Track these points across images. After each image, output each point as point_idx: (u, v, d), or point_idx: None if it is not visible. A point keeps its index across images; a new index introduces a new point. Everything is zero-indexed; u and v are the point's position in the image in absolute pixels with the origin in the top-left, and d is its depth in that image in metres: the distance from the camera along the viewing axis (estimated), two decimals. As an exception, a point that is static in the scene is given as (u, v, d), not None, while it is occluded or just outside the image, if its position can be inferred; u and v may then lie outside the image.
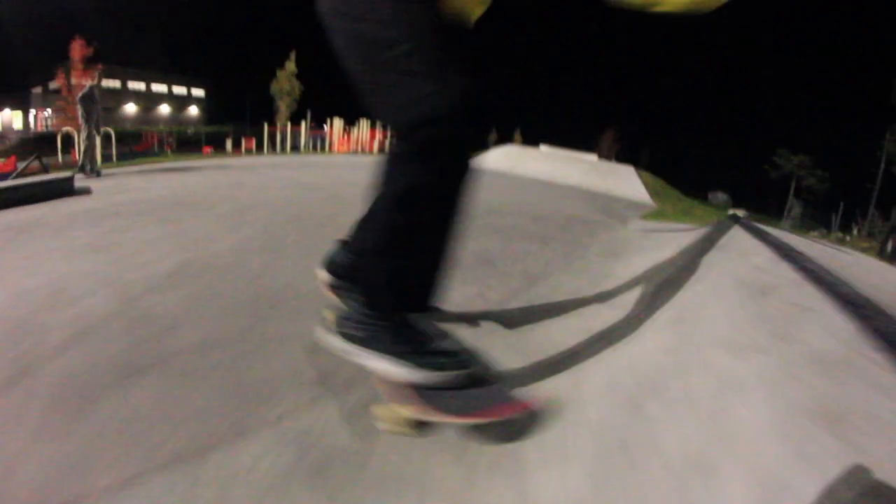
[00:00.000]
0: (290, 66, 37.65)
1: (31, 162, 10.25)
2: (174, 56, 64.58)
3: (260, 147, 25.92)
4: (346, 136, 24.93)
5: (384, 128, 22.36)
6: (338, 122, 24.95)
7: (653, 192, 13.05)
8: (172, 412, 1.63)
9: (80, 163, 9.37)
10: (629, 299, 2.59)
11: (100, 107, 9.69)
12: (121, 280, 2.79)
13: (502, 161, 15.01)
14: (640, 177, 15.09)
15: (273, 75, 37.94)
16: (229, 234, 3.94)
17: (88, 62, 32.23)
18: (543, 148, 21.02)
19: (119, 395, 1.71)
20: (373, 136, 24.18)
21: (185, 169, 10.01)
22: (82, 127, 9.37)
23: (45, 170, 10.08)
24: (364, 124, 24.69)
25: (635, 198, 11.97)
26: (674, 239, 4.53)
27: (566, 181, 12.42)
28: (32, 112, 41.31)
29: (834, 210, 33.65)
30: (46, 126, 31.05)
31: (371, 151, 22.81)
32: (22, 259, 3.24)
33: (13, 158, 10.52)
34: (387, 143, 22.28)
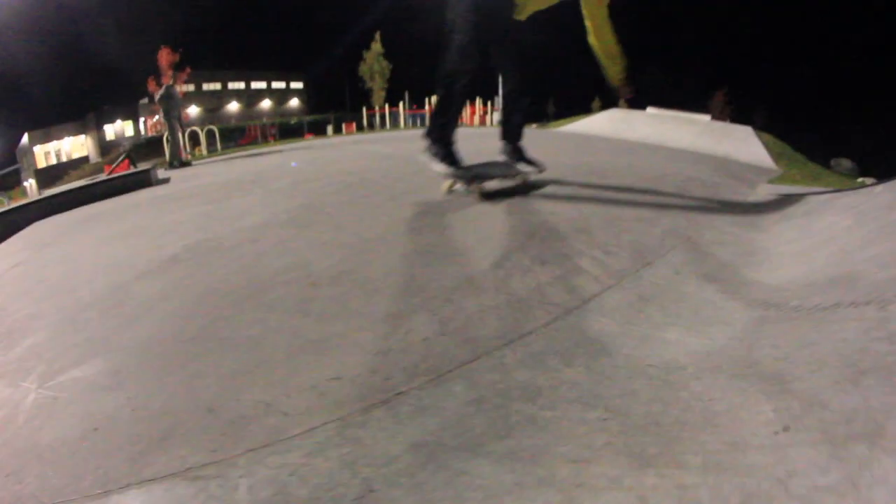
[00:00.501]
0: (377, 46, 37.82)
1: (119, 161, 11.12)
2: (269, 54, 67.39)
3: (361, 130, 26.79)
4: None
5: (483, 103, 23.64)
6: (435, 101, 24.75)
7: (776, 156, 11.74)
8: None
9: (168, 157, 9.98)
10: (794, 283, 1.87)
11: (178, 103, 10.36)
12: (114, 268, 2.86)
13: (606, 125, 14.26)
14: (760, 138, 13.75)
15: (361, 58, 38.21)
16: (265, 209, 3.77)
17: (176, 67, 34.18)
18: (651, 110, 19.95)
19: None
20: (472, 111, 24.07)
21: (272, 152, 10.32)
22: (164, 125, 10.20)
23: (135, 167, 10.73)
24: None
25: (757, 161, 10.69)
26: (818, 206, 3.46)
27: (678, 144, 11.25)
28: (142, 120, 45.17)
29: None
30: (157, 131, 33.31)
31: (472, 124, 22.77)
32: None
33: (126, 161, 11.15)
34: (486, 116, 22.86)
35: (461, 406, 1.34)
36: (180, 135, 10.54)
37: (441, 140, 3.42)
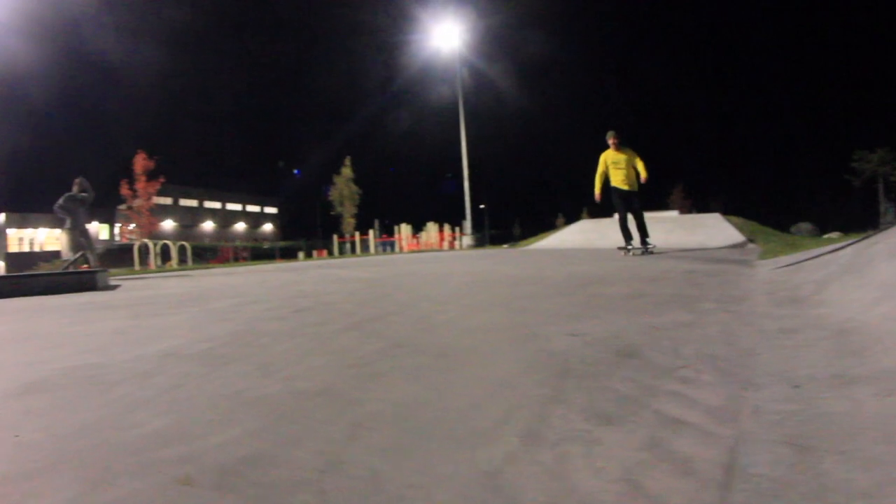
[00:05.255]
0: (346, 171, 38.23)
1: (77, 260, 10.61)
2: (245, 178, 69.46)
3: (332, 256, 26.99)
4: (415, 240, 26.51)
5: (452, 229, 25.83)
6: (406, 228, 26.56)
7: (749, 234, 11.87)
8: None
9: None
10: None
11: (82, 211, 10.73)
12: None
13: (577, 237, 14.39)
14: (730, 221, 13.90)
15: (332, 183, 38.48)
16: (187, 333, 3.10)
17: (150, 175, 33.94)
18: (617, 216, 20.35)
19: None
20: (441, 237, 25.79)
21: (232, 273, 9.78)
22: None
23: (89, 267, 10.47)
24: (432, 227, 26.21)
25: (734, 242, 11.38)
26: (829, 265, 3.51)
27: (654, 242, 11.34)
28: (118, 226, 44.37)
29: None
30: (129, 239, 32.77)
31: (441, 248, 24.14)
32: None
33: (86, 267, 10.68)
34: (455, 241, 23.45)
35: None
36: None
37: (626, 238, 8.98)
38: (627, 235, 9.01)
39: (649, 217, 9.38)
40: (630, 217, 9.01)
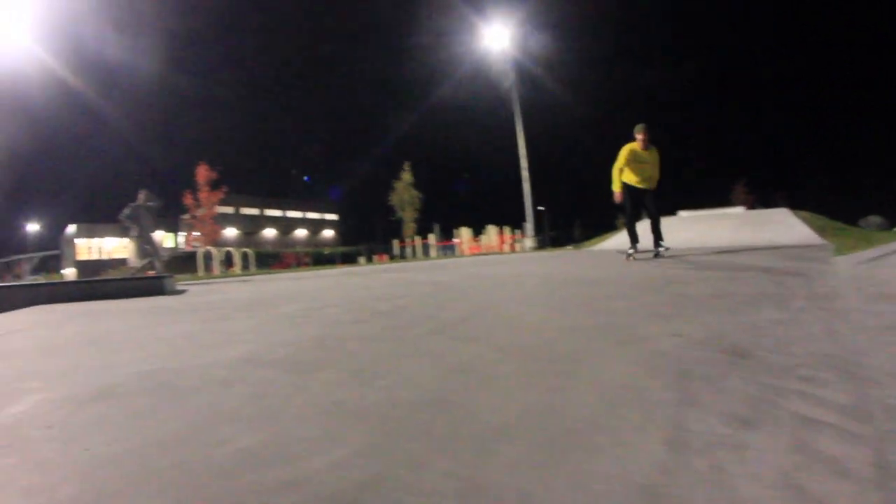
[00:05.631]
0: (406, 176, 38.29)
1: (144, 266, 11.04)
2: (306, 187, 71.15)
3: (392, 260, 27.27)
4: (475, 243, 26.29)
5: (511, 231, 25.69)
6: (466, 232, 26.56)
7: (819, 230, 11.13)
8: None
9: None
10: None
11: (149, 219, 11.05)
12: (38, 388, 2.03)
13: (642, 236, 13.80)
14: (798, 216, 13.07)
15: (392, 188, 38.64)
16: (259, 338, 2.89)
17: (213, 185, 34.93)
18: (683, 213, 19.86)
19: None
20: (502, 240, 25.39)
21: (298, 278, 9.66)
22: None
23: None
24: (492, 230, 25.89)
25: (806, 239, 10.61)
26: None
27: (719, 241, 10.95)
28: (182, 234, 46.98)
29: None
30: (193, 247, 33.90)
31: (501, 251, 23.85)
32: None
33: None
34: (515, 243, 23.13)
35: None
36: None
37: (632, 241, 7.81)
38: (634, 237, 7.86)
39: (714, 214, 8.59)
40: (644, 218, 7.94)
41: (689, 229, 13.21)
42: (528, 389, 1.60)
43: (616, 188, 7.60)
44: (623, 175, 7.59)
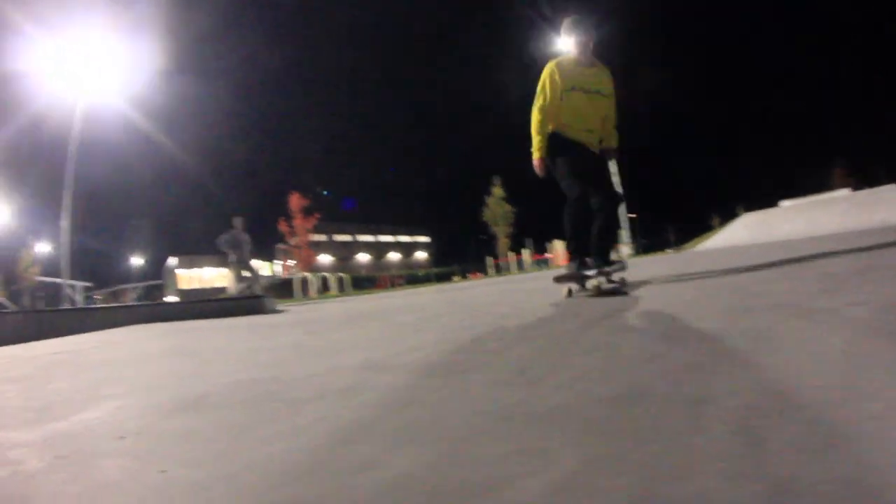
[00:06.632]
0: (497, 191, 37.56)
1: (244, 290, 11.23)
2: (397, 212, 72.73)
3: (487, 276, 27.14)
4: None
5: None
6: (559, 244, 26.10)
7: None
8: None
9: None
10: None
11: (246, 245, 11.10)
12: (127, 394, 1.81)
13: (743, 234, 12.82)
14: None
15: (484, 204, 38.11)
16: (382, 346, 2.52)
17: (306, 212, 35.79)
18: (785, 203, 18.33)
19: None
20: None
21: (395, 297, 9.43)
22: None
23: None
24: None
25: None
26: None
27: (827, 229, 9.91)
28: (278, 262, 49.59)
29: None
30: (290, 274, 35.17)
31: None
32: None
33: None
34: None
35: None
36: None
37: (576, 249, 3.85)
38: (580, 244, 3.77)
39: (818, 200, 6.94)
40: (595, 206, 3.75)
41: (792, 220, 12.09)
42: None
43: (536, 152, 3.84)
44: (563, 123, 3.80)
